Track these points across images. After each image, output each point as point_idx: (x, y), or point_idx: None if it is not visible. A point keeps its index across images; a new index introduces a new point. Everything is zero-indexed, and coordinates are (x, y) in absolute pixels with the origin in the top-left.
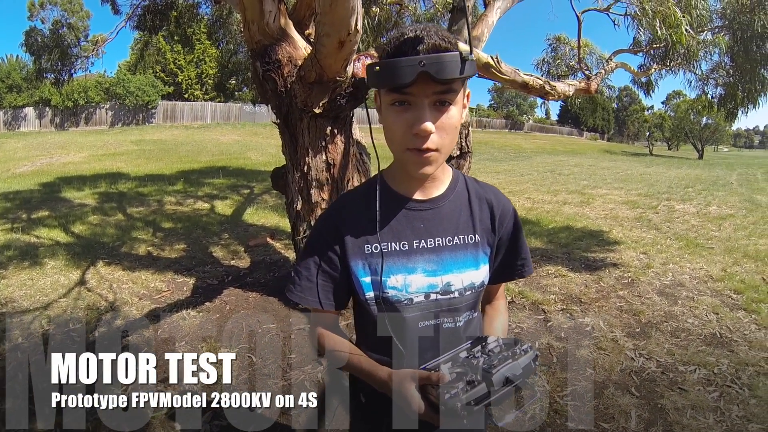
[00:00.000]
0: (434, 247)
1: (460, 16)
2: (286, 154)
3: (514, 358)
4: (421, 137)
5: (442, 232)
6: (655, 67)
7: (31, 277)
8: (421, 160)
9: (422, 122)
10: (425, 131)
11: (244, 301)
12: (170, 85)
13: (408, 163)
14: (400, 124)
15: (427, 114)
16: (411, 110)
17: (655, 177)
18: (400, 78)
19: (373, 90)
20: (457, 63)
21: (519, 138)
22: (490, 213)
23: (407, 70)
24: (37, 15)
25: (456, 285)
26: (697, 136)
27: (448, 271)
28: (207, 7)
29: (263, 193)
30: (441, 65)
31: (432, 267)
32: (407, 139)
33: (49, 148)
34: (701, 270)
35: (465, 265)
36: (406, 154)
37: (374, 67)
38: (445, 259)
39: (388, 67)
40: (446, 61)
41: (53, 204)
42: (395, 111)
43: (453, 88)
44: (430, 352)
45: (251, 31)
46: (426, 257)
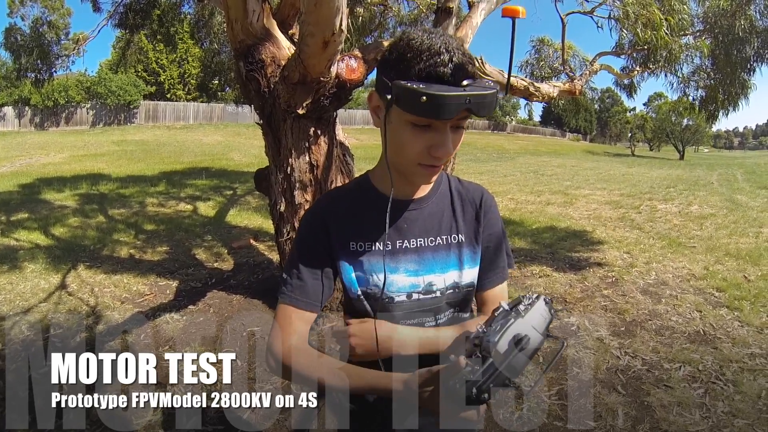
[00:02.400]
0: (416, 247)
1: (445, 17)
2: (269, 155)
3: (520, 316)
4: (439, 158)
5: (425, 233)
6: (637, 69)
7: (11, 281)
8: (431, 173)
9: (445, 147)
10: (447, 155)
11: (228, 303)
12: (152, 84)
13: (416, 175)
14: (418, 143)
15: (449, 138)
16: (431, 132)
17: (637, 177)
18: (444, 113)
19: (369, 90)
20: (494, 103)
21: (502, 139)
22: (474, 209)
23: (453, 107)
24: (17, 12)
25: (438, 285)
26: (678, 137)
27: (430, 271)
28: (190, 6)
29: (246, 194)
30: (484, 105)
31: (414, 267)
32: (423, 156)
33: (29, 148)
34: (684, 269)
35: (447, 266)
36: (417, 168)
37: (420, 96)
38: (427, 260)
39: (436, 100)
40: (489, 101)
41: (33, 206)
42: (414, 131)
43: None
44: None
45: (234, 31)
46: (408, 257)
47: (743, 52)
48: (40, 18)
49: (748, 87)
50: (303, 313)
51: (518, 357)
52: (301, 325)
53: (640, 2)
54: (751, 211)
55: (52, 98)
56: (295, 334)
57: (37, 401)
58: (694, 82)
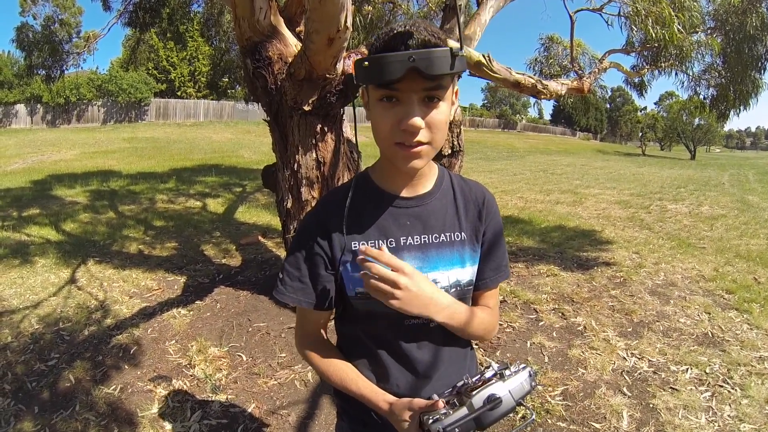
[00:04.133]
0: (420, 244)
1: (453, 14)
2: (277, 151)
3: (502, 379)
4: (410, 132)
5: (429, 230)
6: (647, 67)
7: (21, 275)
8: (409, 155)
9: (411, 117)
10: (414, 126)
11: (235, 299)
12: (163, 82)
13: (396, 158)
14: (388, 119)
15: (416, 109)
16: (399, 106)
17: (647, 177)
18: (389, 74)
19: (361, 86)
20: (447, 58)
21: (512, 137)
22: (476, 208)
23: (396, 65)
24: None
25: (442, 282)
26: (689, 136)
27: (434, 268)
28: (199, 5)
29: (255, 191)
30: (431, 61)
31: (418, 264)
32: (395, 133)
33: (41, 145)
34: (693, 270)
35: (451, 263)
36: (394, 149)
37: (363, 63)
38: (431, 257)
39: (377, 62)
40: (436, 56)
41: (44, 202)
42: (383, 106)
43: (442, 84)
44: (418, 354)
45: (242, 28)
46: (413, 254)
47: (755, 50)
48: (51, 16)
49: (759, 86)
50: (312, 313)
51: (487, 414)
52: (310, 325)
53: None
54: (762, 212)
55: (64, 96)
56: (307, 336)
57: (44, 391)
58: (705, 81)
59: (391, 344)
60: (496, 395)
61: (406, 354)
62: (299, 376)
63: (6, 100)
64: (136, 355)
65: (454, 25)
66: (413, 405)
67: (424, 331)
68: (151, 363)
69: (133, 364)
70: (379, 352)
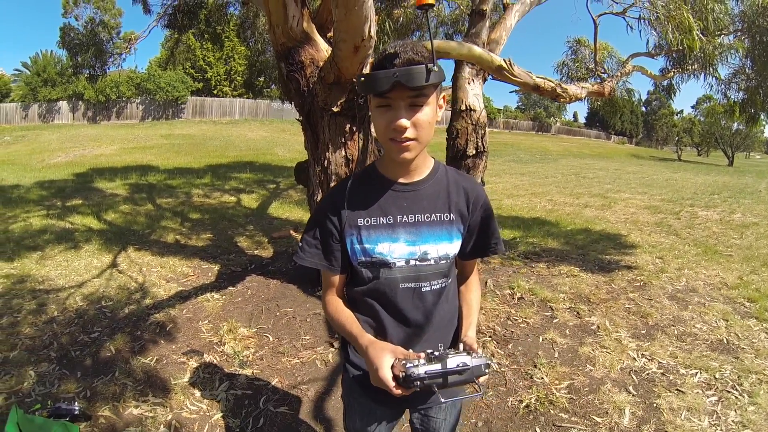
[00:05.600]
0: (414, 221)
1: (479, 19)
2: (308, 149)
3: (471, 356)
4: (399, 131)
5: (422, 210)
6: (673, 71)
7: (67, 258)
8: (400, 148)
9: (398, 120)
10: (401, 127)
11: (266, 287)
12: (199, 81)
13: (391, 151)
14: (383, 121)
15: (403, 113)
16: (391, 111)
17: (681, 183)
18: (379, 86)
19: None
20: (423, 73)
21: (546, 140)
22: (465, 198)
23: (384, 80)
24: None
25: (432, 254)
26: (727, 142)
27: (426, 241)
28: (235, 8)
29: (289, 188)
30: (411, 75)
31: (412, 238)
32: (389, 132)
33: (82, 140)
34: (716, 277)
35: (440, 238)
36: (389, 143)
37: (361, 78)
38: (423, 232)
39: (370, 78)
40: (415, 72)
41: (86, 193)
42: (380, 111)
43: (424, 92)
44: (411, 313)
45: (276, 34)
46: (407, 230)
47: None
48: (93, 18)
49: None
50: (329, 275)
51: (454, 376)
52: (329, 285)
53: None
54: None
55: (104, 93)
56: (328, 293)
57: (87, 359)
58: (735, 84)
59: (389, 304)
60: (466, 364)
61: (401, 312)
62: (320, 357)
63: (49, 97)
64: (171, 331)
65: (481, 30)
66: (396, 351)
67: (417, 293)
68: (185, 339)
69: (169, 340)
70: (379, 311)
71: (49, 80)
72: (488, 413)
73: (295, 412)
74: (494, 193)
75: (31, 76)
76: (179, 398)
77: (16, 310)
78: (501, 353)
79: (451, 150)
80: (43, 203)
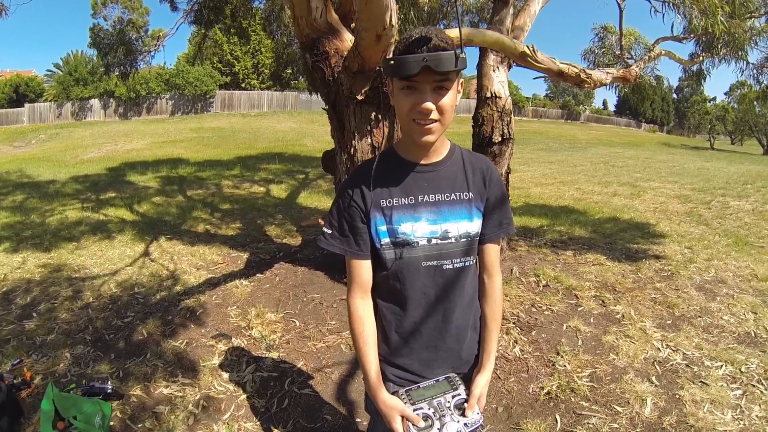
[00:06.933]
0: (435, 201)
1: (502, 6)
2: (335, 137)
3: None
4: (424, 113)
5: (442, 189)
6: (702, 55)
7: (101, 248)
8: (423, 130)
9: (424, 102)
10: (427, 109)
11: (293, 274)
12: (227, 75)
13: (414, 133)
14: (408, 103)
15: (429, 96)
16: (416, 93)
17: (713, 172)
18: (408, 70)
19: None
20: (452, 59)
21: (575, 128)
22: (482, 176)
23: (413, 64)
24: (100, 12)
25: (453, 232)
26: (762, 130)
27: (446, 220)
28: (260, 2)
29: (318, 178)
30: (440, 60)
31: (433, 217)
32: (413, 113)
33: (114, 136)
34: (747, 268)
35: (461, 217)
36: (412, 125)
37: (389, 61)
38: (444, 211)
39: (400, 61)
40: (444, 57)
41: (119, 186)
42: (404, 93)
43: (449, 77)
44: (432, 291)
45: (300, 26)
46: (429, 209)
47: None
48: (121, 18)
49: None
50: (355, 264)
51: None
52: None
53: None
54: None
55: (134, 90)
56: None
57: (120, 342)
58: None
59: (412, 284)
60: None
61: (423, 290)
62: (345, 341)
63: (82, 95)
64: (201, 316)
65: (505, 17)
66: (404, 413)
67: (438, 271)
68: (214, 324)
69: (198, 324)
70: (401, 293)
71: (81, 79)
72: (509, 399)
73: (319, 394)
74: (522, 182)
75: (63, 75)
76: (207, 379)
77: (54, 296)
78: (524, 340)
79: (477, 137)
80: (78, 197)
